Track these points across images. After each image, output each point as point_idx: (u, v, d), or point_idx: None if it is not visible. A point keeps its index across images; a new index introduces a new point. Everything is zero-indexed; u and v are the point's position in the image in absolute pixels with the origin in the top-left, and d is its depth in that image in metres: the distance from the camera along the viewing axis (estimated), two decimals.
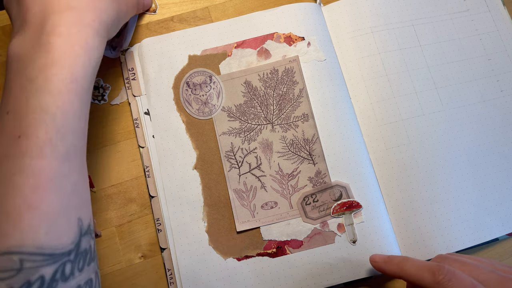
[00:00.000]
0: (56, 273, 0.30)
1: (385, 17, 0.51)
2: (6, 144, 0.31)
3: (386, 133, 0.48)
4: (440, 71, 0.50)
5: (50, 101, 0.31)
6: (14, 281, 0.28)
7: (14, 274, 0.28)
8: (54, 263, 0.30)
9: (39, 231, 0.29)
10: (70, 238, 0.31)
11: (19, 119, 0.31)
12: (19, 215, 0.29)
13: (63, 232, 0.31)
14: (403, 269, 0.37)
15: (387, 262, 0.40)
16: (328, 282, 0.43)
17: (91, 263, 0.33)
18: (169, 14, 0.52)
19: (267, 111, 0.47)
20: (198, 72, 0.48)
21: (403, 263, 0.37)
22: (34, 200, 0.30)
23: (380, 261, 0.40)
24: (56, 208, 0.31)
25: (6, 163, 0.30)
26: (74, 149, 0.33)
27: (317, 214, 0.45)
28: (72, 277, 0.31)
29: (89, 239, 0.34)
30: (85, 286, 0.32)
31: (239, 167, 0.46)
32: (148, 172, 0.46)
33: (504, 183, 0.47)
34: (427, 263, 0.36)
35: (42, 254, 0.29)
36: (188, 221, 0.45)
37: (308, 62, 0.48)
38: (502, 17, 0.53)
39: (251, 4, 0.52)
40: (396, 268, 0.38)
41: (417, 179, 0.47)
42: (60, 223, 0.31)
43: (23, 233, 0.29)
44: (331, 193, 0.46)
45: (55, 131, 0.31)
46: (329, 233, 0.45)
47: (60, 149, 0.31)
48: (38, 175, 0.30)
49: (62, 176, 0.31)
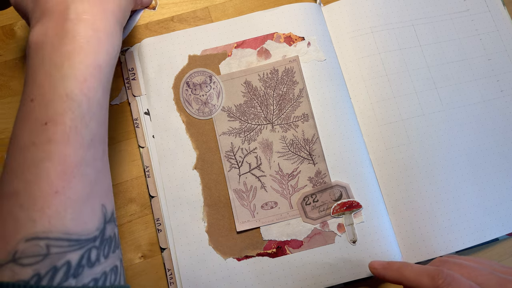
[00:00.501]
0: (82, 259, 0.30)
1: (385, 17, 0.51)
2: (31, 131, 0.31)
3: (386, 133, 0.48)
4: (440, 71, 0.50)
5: (76, 88, 0.32)
6: (40, 266, 0.28)
7: (40, 260, 0.28)
8: (80, 248, 0.30)
9: (66, 217, 0.30)
10: (95, 225, 0.31)
11: (45, 106, 0.31)
12: (46, 201, 0.29)
13: (88, 218, 0.31)
14: (402, 274, 0.37)
15: (386, 268, 0.39)
16: (328, 282, 0.44)
17: (116, 250, 0.34)
18: (169, 14, 0.52)
19: (267, 111, 0.48)
20: (198, 72, 0.48)
21: (403, 269, 0.37)
22: (61, 186, 0.30)
23: (379, 267, 0.40)
24: (82, 194, 0.31)
25: (33, 150, 0.30)
26: (97, 137, 0.33)
27: (317, 214, 0.45)
28: (98, 263, 0.31)
29: (113, 226, 0.34)
30: (110, 272, 0.32)
31: (239, 167, 0.46)
32: (148, 172, 0.46)
33: (504, 183, 0.47)
34: (426, 268, 0.36)
35: (68, 239, 0.29)
36: (188, 221, 0.45)
37: (308, 62, 0.48)
38: (502, 17, 0.52)
39: (251, 4, 0.52)
40: (395, 273, 0.38)
41: (417, 179, 0.47)
42: (85, 209, 0.31)
43: (50, 219, 0.29)
44: (331, 193, 0.46)
45: (80, 118, 0.32)
46: (329, 233, 0.45)
47: (85, 137, 0.32)
48: (64, 162, 0.30)
49: (86, 163, 0.32)
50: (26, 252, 0.28)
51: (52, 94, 0.31)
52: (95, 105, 0.33)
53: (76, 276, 0.30)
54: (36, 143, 0.31)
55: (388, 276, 0.39)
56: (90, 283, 0.30)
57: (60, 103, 0.31)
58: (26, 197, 0.29)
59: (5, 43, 0.50)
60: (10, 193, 0.30)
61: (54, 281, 0.29)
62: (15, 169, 0.31)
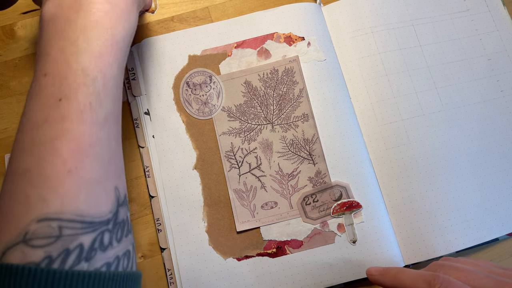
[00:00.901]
0: (95, 242, 0.29)
1: (385, 17, 0.51)
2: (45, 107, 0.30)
3: (386, 133, 0.48)
4: (440, 71, 0.50)
5: (92, 64, 0.31)
6: (52, 248, 0.27)
7: (52, 241, 0.27)
8: (93, 231, 0.29)
9: (79, 198, 0.28)
10: (108, 207, 0.30)
11: (59, 81, 0.30)
12: (58, 180, 0.28)
13: (101, 200, 0.30)
14: (399, 280, 0.37)
15: (383, 274, 0.39)
16: (328, 282, 0.43)
17: (129, 235, 0.33)
18: (169, 14, 0.52)
19: (267, 111, 0.48)
20: (198, 72, 0.48)
21: (399, 274, 0.37)
22: (74, 166, 0.29)
23: (377, 273, 0.40)
24: (95, 175, 0.30)
25: (46, 127, 0.29)
26: (112, 116, 0.32)
27: (317, 214, 0.45)
28: (111, 247, 0.30)
29: (125, 210, 0.33)
30: (123, 257, 0.31)
31: (239, 167, 0.46)
32: (148, 172, 0.46)
33: (504, 183, 0.47)
34: (423, 273, 0.35)
35: (81, 221, 0.28)
36: (188, 221, 0.45)
37: (308, 62, 0.48)
38: (502, 17, 0.52)
39: (251, 4, 0.52)
40: (392, 279, 0.38)
41: (417, 179, 0.47)
42: (98, 191, 0.30)
43: (63, 199, 0.28)
44: (331, 193, 0.46)
45: (95, 95, 0.31)
46: (329, 233, 0.45)
47: (99, 115, 0.31)
48: (78, 140, 0.29)
49: (101, 142, 0.31)
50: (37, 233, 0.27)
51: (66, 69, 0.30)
52: (110, 82, 0.32)
53: (88, 259, 0.28)
54: (49, 120, 0.29)
55: (385, 282, 0.39)
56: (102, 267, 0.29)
57: (74, 78, 0.30)
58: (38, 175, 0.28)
59: (5, 43, 0.50)
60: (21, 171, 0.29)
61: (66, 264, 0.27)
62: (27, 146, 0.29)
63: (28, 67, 0.49)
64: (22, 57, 0.50)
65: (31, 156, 0.29)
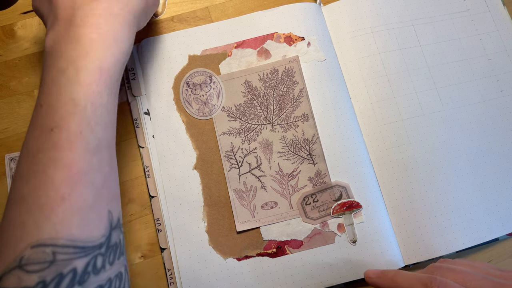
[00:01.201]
0: (88, 266, 0.30)
1: (385, 17, 0.51)
2: (39, 136, 0.31)
3: (386, 133, 0.48)
4: (440, 71, 0.50)
5: (80, 93, 0.32)
6: (46, 273, 0.28)
7: (46, 267, 0.28)
8: (86, 256, 0.30)
9: (72, 224, 0.29)
10: (101, 231, 0.31)
11: (51, 112, 0.31)
12: (51, 207, 0.29)
13: (94, 225, 0.31)
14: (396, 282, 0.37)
15: (381, 277, 0.39)
16: (328, 282, 0.43)
17: (121, 257, 0.34)
18: (169, 14, 0.52)
19: (267, 111, 0.48)
20: (198, 72, 0.48)
21: (396, 277, 0.37)
22: (67, 193, 0.30)
23: (374, 276, 0.40)
24: (88, 200, 0.31)
25: (40, 156, 0.31)
26: (104, 142, 0.33)
27: (317, 214, 0.45)
28: (103, 270, 0.31)
29: (118, 233, 0.34)
30: (115, 279, 0.32)
31: (239, 167, 0.46)
32: (148, 172, 0.46)
33: (504, 183, 0.47)
34: (420, 275, 0.36)
35: (74, 246, 0.29)
36: (188, 221, 0.45)
37: (308, 62, 0.48)
38: (502, 17, 0.52)
39: (251, 4, 0.52)
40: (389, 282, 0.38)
41: (417, 179, 0.47)
42: (91, 216, 0.31)
43: (56, 226, 0.29)
44: (331, 193, 0.46)
45: (86, 123, 0.31)
46: (329, 233, 0.45)
47: (91, 142, 0.32)
48: (70, 168, 0.30)
49: (93, 168, 0.31)
50: (32, 259, 0.28)
51: (57, 100, 0.31)
52: (100, 109, 0.33)
53: (81, 283, 0.30)
54: (43, 149, 0.31)
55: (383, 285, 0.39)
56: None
57: (65, 108, 0.31)
58: (33, 202, 0.30)
59: (5, 43, 0.50)
60: (18, 199, 0.30)
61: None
62: (24, 174, 0.31)
63: (28, 67, 0.49)
64: (22, 57, 0.50)
65: (27, 184, 0.30)
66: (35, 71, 0.49)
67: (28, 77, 0.49)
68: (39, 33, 0.50)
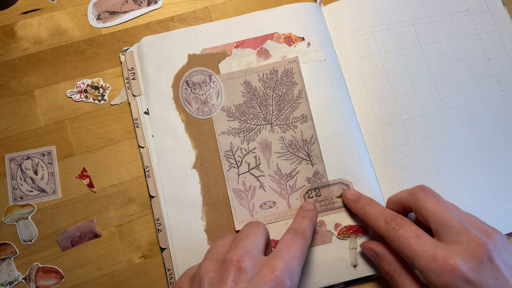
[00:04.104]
0: None
1: (385, 17, 0.51)
2: None
3: (386, 133, 0.48)
4: (440, 71, 0.50)
5: None
6: None
7: None
8: None
9: None
10: None
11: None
12: None
13: None
14: (365, 212, 0.41)
15: (355, 201, 0.43)
16: (326, 282, 0.43)
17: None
18: (169, 14, 0.52)
19: (266, 111, 0.48)
20: (197, 71, 0.48)
21: (367, 207, 0.41)
22: None
23: (350, 198, 0.44)
24: None
25: None
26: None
27: (318, 208, 0.45)
28: None
29: None
30: None
31: (238, 166, 0.46)
32: (148, 172, 0.46)
33: (504, 183, 0.47)
34: (385, 211, 0.39)
35: None
36: (186, 220, 0.45)
37: (307, 62, 0.48)
38: (502, 17, 0.52)
39: (251, 4, 0.52)
40: (360, 209, 0.42)
41: (417, 179, 0.47)
42: None
43: None
44: (334, 190, 0.46)
45: None
46: (326, 233, 0.45)
47: None
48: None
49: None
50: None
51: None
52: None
53: None
54: None
55: (354, 210, 0.43)
56: None
57: None
58: None
59: (5, 43, 0.50)
60: None
61: None
62: None
63: (28, 67, 0.50)
64: (22, 57, 0.50)
65: None
66: (35, 71, 0.49)
67: (28, 77, 0.49)
68: (39, 33, 0.51)
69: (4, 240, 0.45)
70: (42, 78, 0.49)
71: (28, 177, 0.47)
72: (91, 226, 0.45)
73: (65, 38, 0.51)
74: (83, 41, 0.51)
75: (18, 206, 0.46)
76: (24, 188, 0.46)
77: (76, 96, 0.49)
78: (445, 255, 0.34)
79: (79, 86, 0.49)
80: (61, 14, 0.52)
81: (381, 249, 0.41)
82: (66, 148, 0.48)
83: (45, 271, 0.44)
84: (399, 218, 0.38)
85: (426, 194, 0.39)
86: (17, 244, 0.45)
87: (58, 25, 0.51)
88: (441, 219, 0.36)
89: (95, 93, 0.49)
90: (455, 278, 0.33)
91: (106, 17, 0.51)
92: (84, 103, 0.49)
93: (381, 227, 0.39)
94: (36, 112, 0.48)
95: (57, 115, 0.48)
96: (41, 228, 0.45)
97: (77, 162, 0.47)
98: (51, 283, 0.44)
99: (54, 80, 0.49)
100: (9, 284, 0.44)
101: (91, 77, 0.50)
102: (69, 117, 0.48)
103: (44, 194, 0.46)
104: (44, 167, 0.47)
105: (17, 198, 0.46)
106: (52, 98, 0.49)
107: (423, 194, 0.39)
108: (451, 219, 0.36)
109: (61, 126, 0.48)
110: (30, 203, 0.46)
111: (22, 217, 0.46)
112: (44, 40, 0.50)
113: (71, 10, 0.52)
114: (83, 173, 0.47)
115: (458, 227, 0.35)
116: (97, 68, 0.50)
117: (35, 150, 0.47)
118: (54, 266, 0.45)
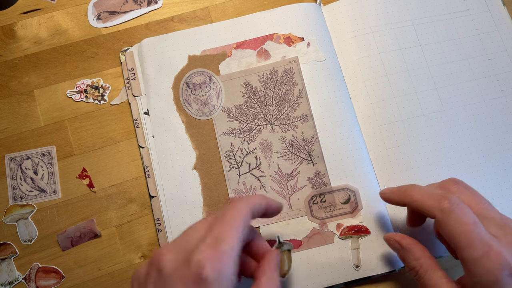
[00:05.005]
0: None
1: (385, 17, 0.51)
2: None
3: (386, 133, 0.48)
4: (440, 71, 0.50)
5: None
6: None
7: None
8: None
9: None
10: None
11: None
12: None
13: None
14: (409, 196, 0.37)
15: (394, 191, 0.40)
16: (328, 282, 0.43)
17: None
18: (169, 14, 0.52)
19: (267, 111, 0.48)
20: (197, 72, 0.48)
21: (410, 190, 0.38)
22: None
23: (388, 191, 0.40)
24: None
25: None
26: None
27: (323, 214, 0.45)
28: None
29: None
30: None
31: (239, 167, 0.46)
32: (148, 172, 0.46)
33: (504, 183, 0.47)
34: (434, 192, 0.36)
35: None
36: (187, 221, 0.45)
37: (307, 62, 0.48)
38: (502, 17, 0.52)
39: (251, 5, 0.52)
40: (403, 195, 0.38)
41: (417, 179, 0.47)
42: None
43: None
44: (339, 196, 0.45)
45: None
46: (328, 233, 0.45)
47: None
48: None
49: None
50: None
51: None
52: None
53: None
54: None
55: (396, 198, 0.39)
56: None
57: None
58: None
59: (5, 43, 0.50)
60: None
61: None
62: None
63: (28, 67, 0.49)
64: (22, 57, 0.50)
65: None
66: (35, 71, 0.49)
67: (28, 77, 0.49)
68: (39, 33, 0.51)
69: (4, 240, 0.45)
70: (42, 78, 0.49)
71: (28, 177, 0.47)
72: (91, 226, 0.45)
73: (65, 38, 0.51)
74: (83, 41, 0.51)
75: (18, 206, 0.46)
76: (24, 188, 0.46)
77: (76, 96, 0.49)
78: (500, 251, 0.32)
79: (79, 86, 0.49)
80: (61, 14, 0.52)
81: (408, 242, 0.38)
82: (66, 148, 0.48)
83: (45, 271, 0.44)
84: (453, 198, 0.34)
85: (459, 187, 0.38)
86: (17, 244, 0.45)
87: (58, 25, 0.51)
88: (480, 210, 0.35)
89: (95, 93, 0.49)
90: (503, 273, 0.31)
91: (106, 17, 0.51)
92: (84, 103, 0.49)
93: (431, 205, 0.35)
94: (36, 112, 0.48)
95: (57, 115, 0.48)
96: (41, 228, 0.45)
97: (77, 162, 0.47)
98: (51, 283, 0.44)
99: (54, 80, 0.49)
100: (9, 284, 0.44)
101: (91, 77, 0.50)
102: (69, 117, 0.48)
103: (44, 194, 0.46)
104: (44, 167, 0.47)
105: (17, 198, 0.46)
106: (52, 98, 0.49)
107: (456, 187, 0.38)
108: (490, 210, 0.35)
109: (61, 126, 0.48)
110: (30, 203, 0.46)
111: (22, 217, 0.46)
112: (44, 40, 0.50)
113: (71, 10, 0.52)
114: (83, 173, 0.47)
115: (498, 219, 0.34)
116: (97, 68, 0.50)
117: (35, 150, 0.47)
118: (54, 266, 0.45)
